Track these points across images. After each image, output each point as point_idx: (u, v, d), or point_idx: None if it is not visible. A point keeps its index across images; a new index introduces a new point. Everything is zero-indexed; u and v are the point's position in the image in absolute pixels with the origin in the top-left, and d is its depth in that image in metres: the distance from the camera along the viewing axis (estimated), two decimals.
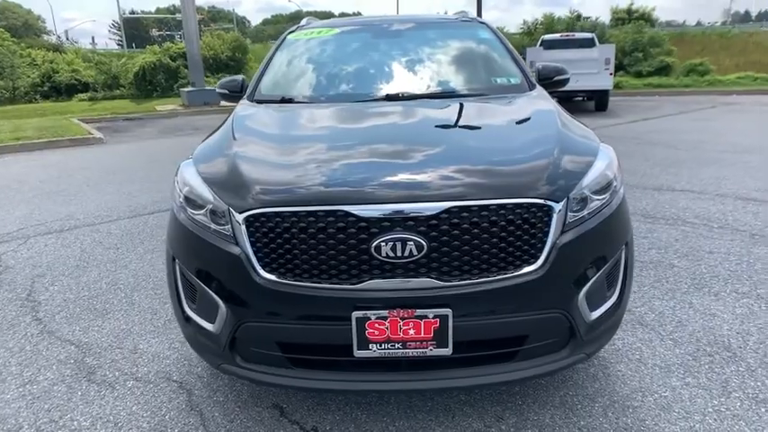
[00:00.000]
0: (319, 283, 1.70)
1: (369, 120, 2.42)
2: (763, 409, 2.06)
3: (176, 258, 2.00)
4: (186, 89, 16.07)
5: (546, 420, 2.06)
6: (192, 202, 1.94)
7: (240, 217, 1.74)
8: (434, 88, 2.81)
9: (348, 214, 1.65)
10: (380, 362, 1.76)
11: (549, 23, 25.94)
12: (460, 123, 2.31)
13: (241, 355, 1.87)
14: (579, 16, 27.03)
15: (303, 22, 3.54)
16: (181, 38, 32.25)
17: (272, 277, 1.72)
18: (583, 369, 2.36)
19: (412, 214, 1.64)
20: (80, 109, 15.90)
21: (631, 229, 2.07)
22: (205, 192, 1.87)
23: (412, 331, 1.68)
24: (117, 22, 55.89)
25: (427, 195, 1.68)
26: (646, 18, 27.89)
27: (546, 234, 1.71)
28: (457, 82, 2.88)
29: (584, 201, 1.80)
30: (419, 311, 1.66)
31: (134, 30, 62.45)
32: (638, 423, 2.02)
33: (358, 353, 1.71)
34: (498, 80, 2.86)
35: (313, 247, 1.68)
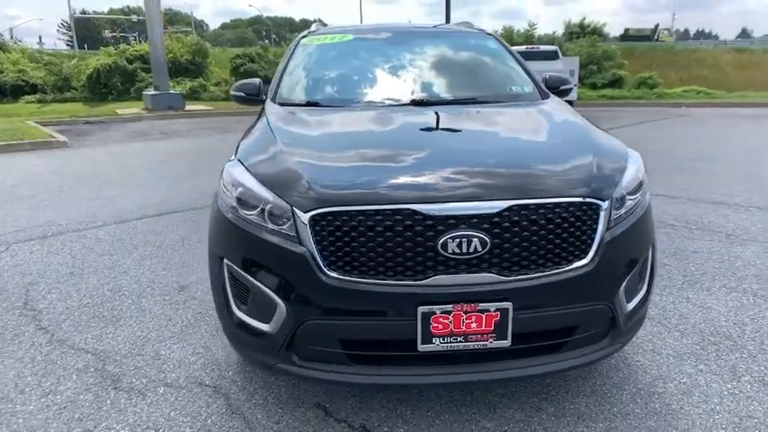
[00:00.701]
0: (384, 279, 1.75)
1: (408, 123, 2.48)
2: None
3: (224, 259, 2.00)
4: (150, 93, 15.62)
5: (582, 408, 2.18)
6: (244, 202, 1.95)
7: (305, 216, 1.76)
8: (456, 95, 2.91)
9: (415, 213, 1.72)
10: (439, 355, 1.82)
11: (509, 36, 26.76)
12: (497, 127, 2.42)
13: (298, 354, 1.89)
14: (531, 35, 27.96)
15: (313, 27, 3.58)
16: (136, 39, 31.28)
17: (337, 275, 1.76)
18: (605, 360, 2.50)
19: (476, 212, 1.72)
20: (28, 111, 15.09)
21: (654, 228, 2.23)
22: (263, 192, 1.89)
23: (474, 324, 1.76)
24: (66, 22, 53.50)
25: (489, 194, 1.77)
26: (598, 32, 29.25)
27: (594, 231, 1.83)
28: (476, 89, 2.99)
29: (621, 200, 1.93)
30: (481, 305, 1.74)
31: (85, 30, 59.95)
32: (665, 407, 2.17)
33: (422, 347, 1.77)
34: (513, 88, 2.99)
35: (380, 245, 1.73)
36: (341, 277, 1.76)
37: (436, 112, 2.53)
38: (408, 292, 1.74)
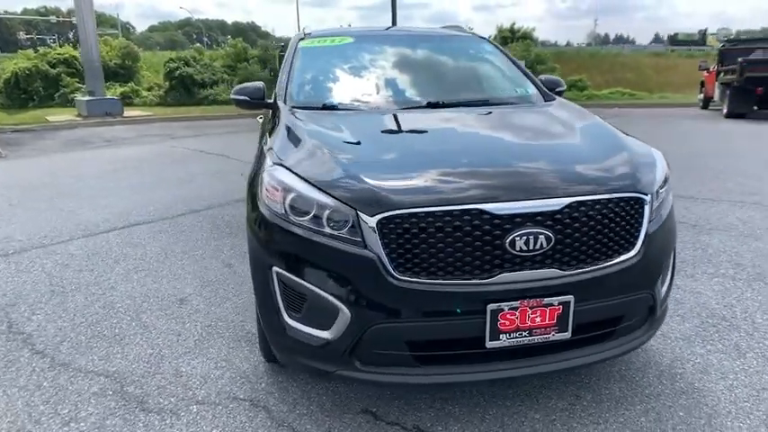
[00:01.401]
0: (452, 279, 1.77)
1: (441, 125, 2.51)
2: None
3: (273, 267, 1.95)
4: (84, 98, 14.66)
5: (617, 393, 2.29)
6: (296, 208, 1.90)
7: (372, 220, 1.75)
8: (468, 97, 2.97)
9: (482, 212, 1.75)
10: (501, 351, 1.86)
11: None
12: (528, 128, 2.50)
13: (361, 358, 1.87)
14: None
15: (308, 30, 3.53)
16: (56, 42, 29.31)
17: (406, 277, 1.76)
18: None
19: (541, 209, 1.78)
20: None
21: None
22: (320, 197, 1.85)
23: (538, 319, 1.82)
24: None
25: (551, 192, 1.83)
26: (528, 37, 30.59)
27: (641, 223, 1.94)
28: (485, 91, 3.07)
29: (657, 194, 2.07)
30: (546, 300, 1.80)
31: None
32: (689, 386, 2.33)
33: (490, 344, 1.81)
34: (518, 90, 3.10)
35: (449, 245, 1.75)
36: (410, 279, 1.76)
37: (463, 115, 2.59)
38: (477, 290, 1.77)
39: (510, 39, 29.14)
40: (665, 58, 34.50)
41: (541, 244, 1.77)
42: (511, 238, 1.75)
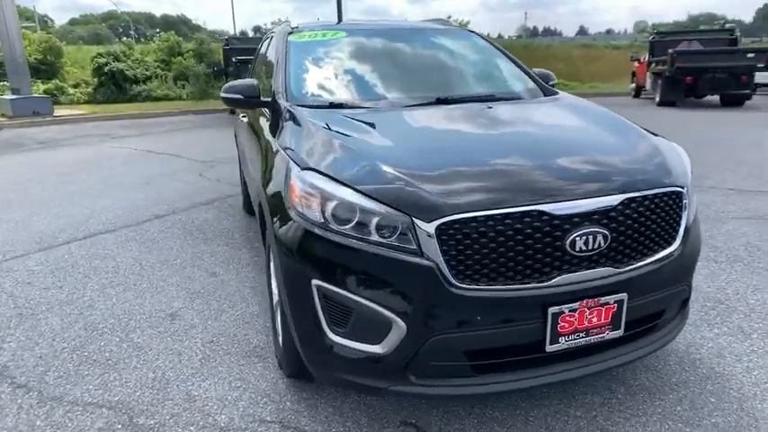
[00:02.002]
0: (512, 284, 1.71)
1: (467, 121, 2.42)
2: None
3: (313, 280, 1.81)
4: (8, 97, 13.41)
5: (646, 383, 2.32)
6: (337, 216, 1.77)
7: (430, 226, 1.65)
8: (474, 92, 2.91)
9: (542, 213, 1.69)
10: (561, 353, 1.82)
11: None
12: (552, 123, 2.47)
13: (416, 372, 1.77)
14: None
15: (297, 25, 3.33)
16: None
17: (466, 285, 1.68)
18: None
19: (597, 208, 1.75)
20: None
21: None
22: (368, 203, 1.73)
23: (595, 319, 1.79)
24: None
25: (604, 189, 1.80)
26: None
27: (680, 217, 1.96)
28: (489, 86, 3.01)
29: (690, 187, 2.09)
30: (602, 299, 1.78)
31: None
32: (711, 371, 2.40)
33: (550, 347, 1.76)
34: (520, 84, 3.06)
35: (509, 249, 1.68)
36: (470, 286, 1.68)
37: (478, 109, 2.51)
38: (537, 293, 1.72)
39: None
40: (593, 49, 36.12)
41: (599, 243, 1.74)
42: (571, 238, 1.71)
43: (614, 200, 1.78)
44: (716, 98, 14.41)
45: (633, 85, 18.01)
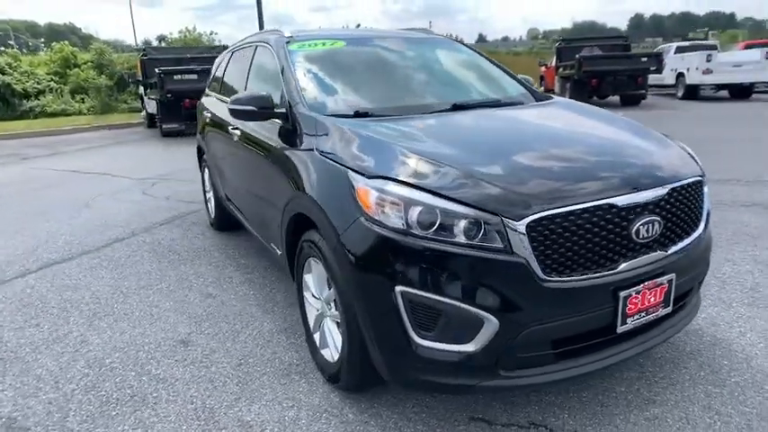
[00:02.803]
0: (589, 273, 1.84)
1: (506, 125, 2.54)
2: None
3: (397, 287, 1.82)
4: None
5: (667, 355, 2.56)
6: (421, 221, 1.80)
7: (521, 224, 1.74)
8: (480, 97, 3.03)
9: (612, 206, 1.84)
10: (626, 333, 1.97)
11: None
12: (580, 125, 2.64)
13: (505, 366, 1.84)
14: None
15: (292, 32, 3.26)
16: None
17: (552, 277, 1.78)
18: None
19: (654, 197, 1.93)
20: None
21: None
22: (455, 207, 1.78)
23: (653, 299, 1.97)
24: None
25: (655, 181, 1.99)
26: None
27: (703, 202, 2.21)
28: (493, 92, 3.14)
29: None
30: (658, 280, 1.96)
31: None
32: (714, 338, 2.69)
33: (620, 328, 1.91)
34: (515, 90, 3.23)
35: (588, 241, 1.81)
36: (556, 279, 1.78)
37: (505, 114, 2.65)
38: (610, 280, 1.86)
39: None
40: (497, 55, 38.33)
41: (656, 230, 1.92)
42: (636, 227, 1.87)
43: (664, 190, 1.97)
44: (617, 98, 15.90)
45: (542, 88, 19.38)
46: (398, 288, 1.83)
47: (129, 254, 4.31)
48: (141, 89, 15.04)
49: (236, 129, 3.37)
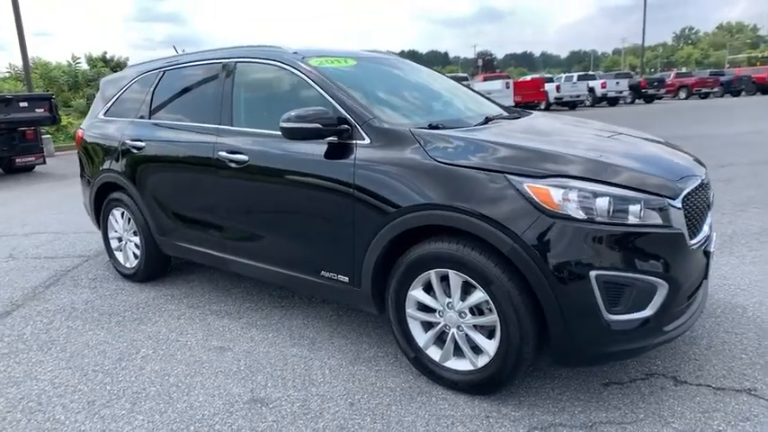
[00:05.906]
0: (699, 235, 2.33)
1: (577, 130, 2.89)
2: None
3: (591, 271, 2.03)
4: None
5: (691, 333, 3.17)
6: (603, 209, 2.04)
7: (677, 201, 2.14)
8: (494, 111, 3.33)
9: (702, 182, 2.41)
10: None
11: None
12: (593, 128, 3.10)
13: (667, 322, 2.18)
14: None
15: (296, 50, 3.00)
16: None
17: (693, 241, 2.23)
18: None
19: (702, 180, 2.49)
20: None
21: None
22: (629, 193, 2.08)
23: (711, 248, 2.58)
24: None
25: (700, 166, 2.60)
26: (122, 67, 28.59)
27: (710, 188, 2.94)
28: (488, 109, 3.41)
29: None
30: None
31: None
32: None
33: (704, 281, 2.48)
34: (494, 106, 3.60)
35: (697, 209, 2.34)
36: (695, 242, 2.25)
37: (539, 122, 3.02)
38: (705, 241, 2.38)
39: (104, 68, 25.38)
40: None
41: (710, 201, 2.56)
42: (710, 197, 2.48)
43: (703, 173, 2.58)
44: None
45: None
46: (593, 273, 2.03)
47: (49, 327, 3.27)
48: None
49: (237, 154, 2.97)
